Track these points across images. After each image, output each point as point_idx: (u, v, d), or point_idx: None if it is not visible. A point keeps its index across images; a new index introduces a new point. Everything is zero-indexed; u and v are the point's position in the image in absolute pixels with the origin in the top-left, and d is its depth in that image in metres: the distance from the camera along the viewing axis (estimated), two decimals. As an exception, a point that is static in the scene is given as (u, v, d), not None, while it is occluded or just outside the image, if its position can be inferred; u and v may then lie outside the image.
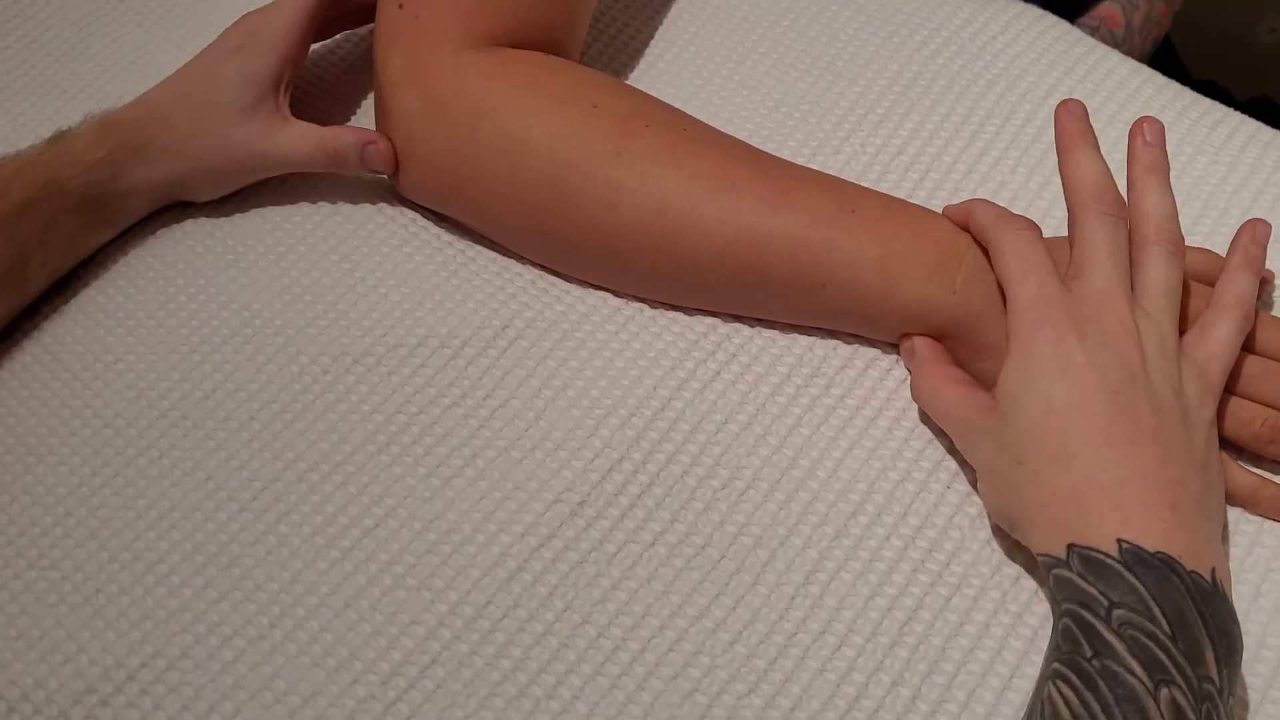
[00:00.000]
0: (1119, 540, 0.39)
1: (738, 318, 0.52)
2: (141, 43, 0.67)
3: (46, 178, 0.52)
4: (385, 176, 0.56)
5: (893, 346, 0.51)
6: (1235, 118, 0.58)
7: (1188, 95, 0.59)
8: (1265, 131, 0.58)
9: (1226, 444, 0.47)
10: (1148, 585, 0.38)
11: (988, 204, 0.48)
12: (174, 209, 0.58)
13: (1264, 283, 0.51)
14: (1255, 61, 1.09)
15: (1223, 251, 0.49)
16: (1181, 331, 0.46)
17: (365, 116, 0.61)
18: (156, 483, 0.50)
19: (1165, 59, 0.89)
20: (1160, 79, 0.60)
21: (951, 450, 0.48)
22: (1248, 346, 0.47)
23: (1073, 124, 0.47)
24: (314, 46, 0.62)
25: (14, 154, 0.53)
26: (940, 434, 0.49)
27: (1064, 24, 0.62)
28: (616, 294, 0.54)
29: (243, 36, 0.55)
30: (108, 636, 0.46)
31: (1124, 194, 0.47)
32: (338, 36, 0.64)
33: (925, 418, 0.49)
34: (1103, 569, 0.39)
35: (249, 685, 0.44)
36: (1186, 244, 0.52)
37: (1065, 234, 0.47)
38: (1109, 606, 0.38)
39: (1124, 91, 0.59)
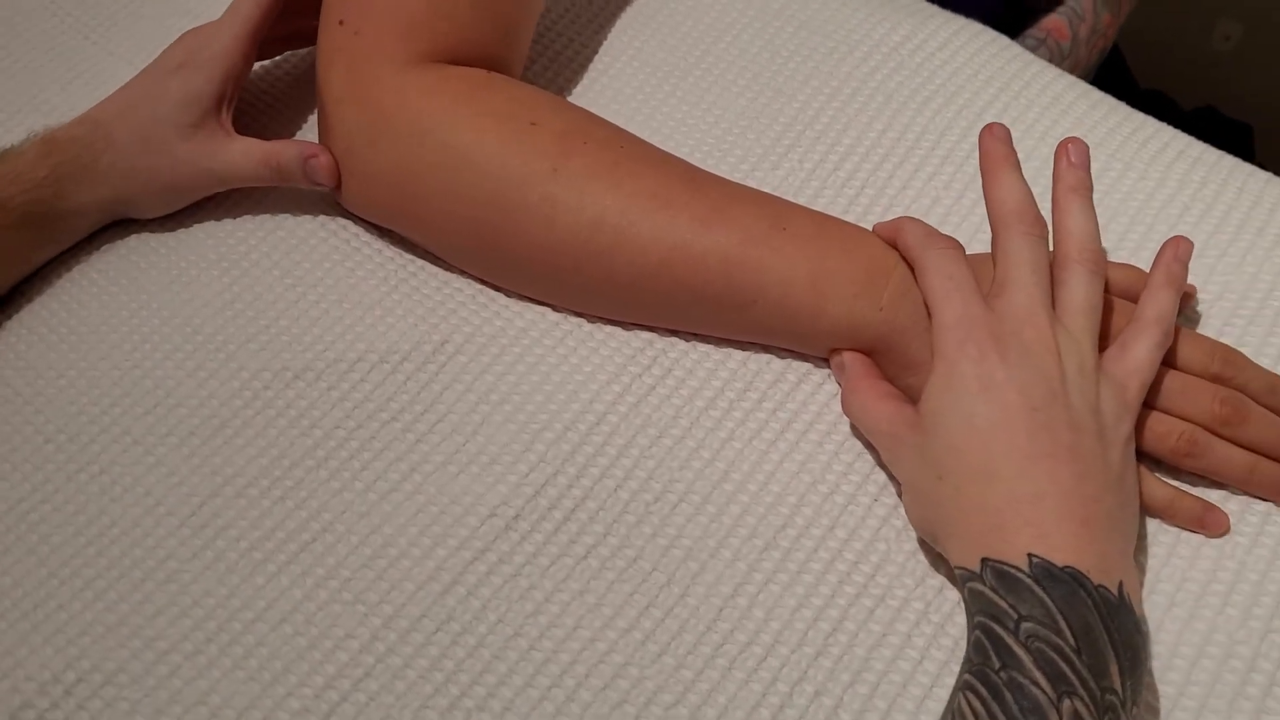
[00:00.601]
0: (1030, 555, 0.40)
1: (674, 332, 0.53)
2: (90, 57, 0.67)
3: (-12, 196, 0.52)
4: (328, 190, 0.57)
5: (825, 361, 0.52)
6: (1167, 133, 0.59)
7: (1121, 110, 0.60)
8: (1196, 146, 0.59)
9: (1145, 457, 0.48)
10: (1055, 599, 0.39)
11: (915, 222, 0.49)
12: (118, 224, 0.58)
13: (1186, 298, 0.52)
14: (1208, 70, 1.10)
15: (1148, 267, 0.50)
16: (1104, 347, 0.47)
17: (310, 133, 0.62)
18: (97, 498, 0.50)
19: (1113, 70, 0.90)
20: (1096, 94, 0.61)
21: (880, 464, 0.49)
22: (1168, 362, 0.48)
23: (996, 147, 0.48)
24: (258, 64, 0.63)
25: (-44, 173, 0.53)
26: (869, 448, 0.50)
27: (1003, 39, 0.63)
28: (555, 309, 0.54)
29: (185, 54, 0.55)
30: (45, 652, 0.46)
31: (1049, 214, 0.48)
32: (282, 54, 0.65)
33: (855, 431, 0.50)
34: (1014, 583, 0.40)
35: (184, 699, 0.45)
36: (1113, 259, 0.54)
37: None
38: (1018, 620, 0.39)
39: (1058, 107, 0.60)
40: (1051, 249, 0.48)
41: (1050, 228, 0.48)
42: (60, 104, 0.65)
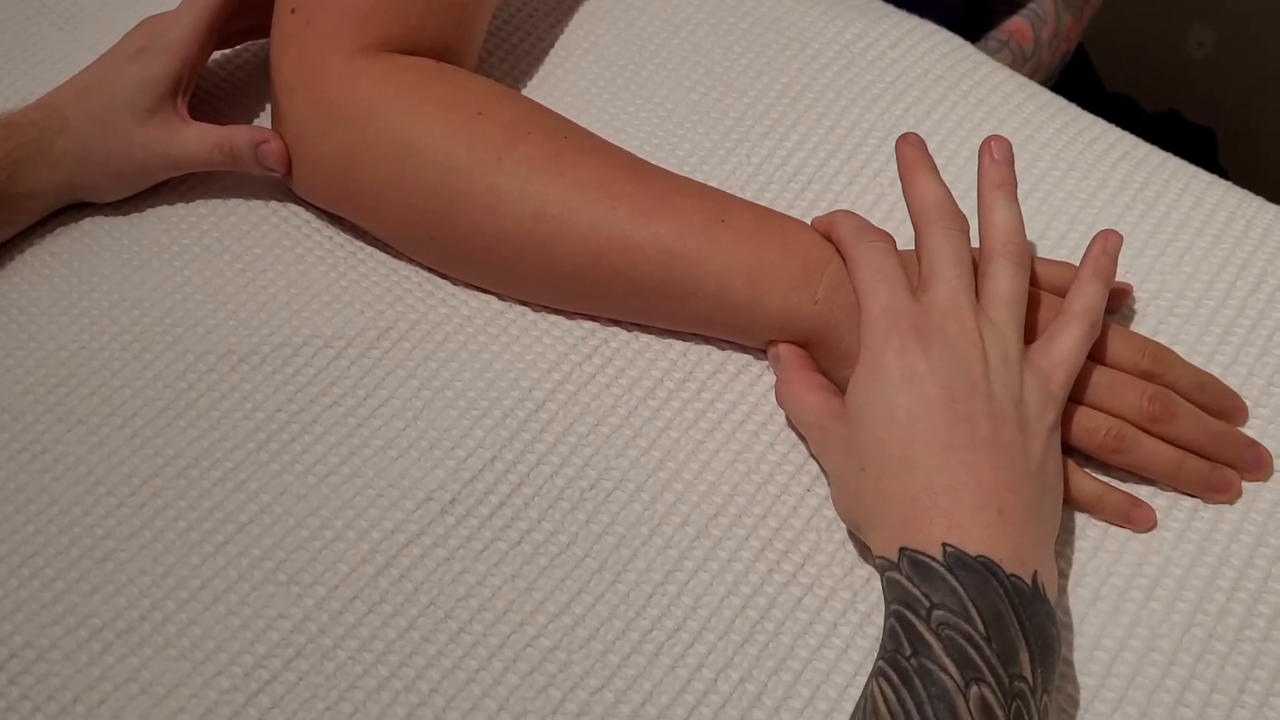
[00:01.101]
0: (944, 544, 0.41)
1: (616, 322, 0.54)
2: (56, 42, 0.68)
3: (-58, 179, 0.53)
4: (280, 176, 0.57)
5: (763, 353, 0.52)
6: (1114, 134, 0.60)
7: (1070, 111, 0.61)
8: (1142, 148, 0.59)
9: (1074, 452, 0.48)
10: (967, 587, 0.40)
11: (849, 215, 0.50)
12: (73, 208, 0.59)
13: (1122, 296, 0.53)
14: (1178, 75, 1.11)
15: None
16: (1034, 340, 0.47)
17: (265, 121, 0.62)
18: (38, 477, 0.50)
19: (1079, 73, 0.91)
20: (1045, 95, 0.62)
21: (812, 456, 0.50)
22: (1098, 358, 0.49)
23: (911, 152, 0.49)
24: (217, 52, 0.63)
25: (-89, 152, 0.54)
26: (802, 440, 0.50)
27: (956, 39, 0.64)
28: (500, 297, 0.55)
29: (143, 40, 0.56)
30: (-21, 628, 0.47)
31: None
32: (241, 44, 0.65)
33: (791, 423, 0.51)
34: (928, 571, 0.41)
35: (115, 677, 0.45)
36: (1054, 257, 0.54)
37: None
38: (930, 607, 0.40)
39: (1007, 106, 0.60)
40: (977, 245, 0.48)
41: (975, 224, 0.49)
42: (24, 89, 0.65)
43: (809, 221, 0.52)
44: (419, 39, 0.55)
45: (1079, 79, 0.68)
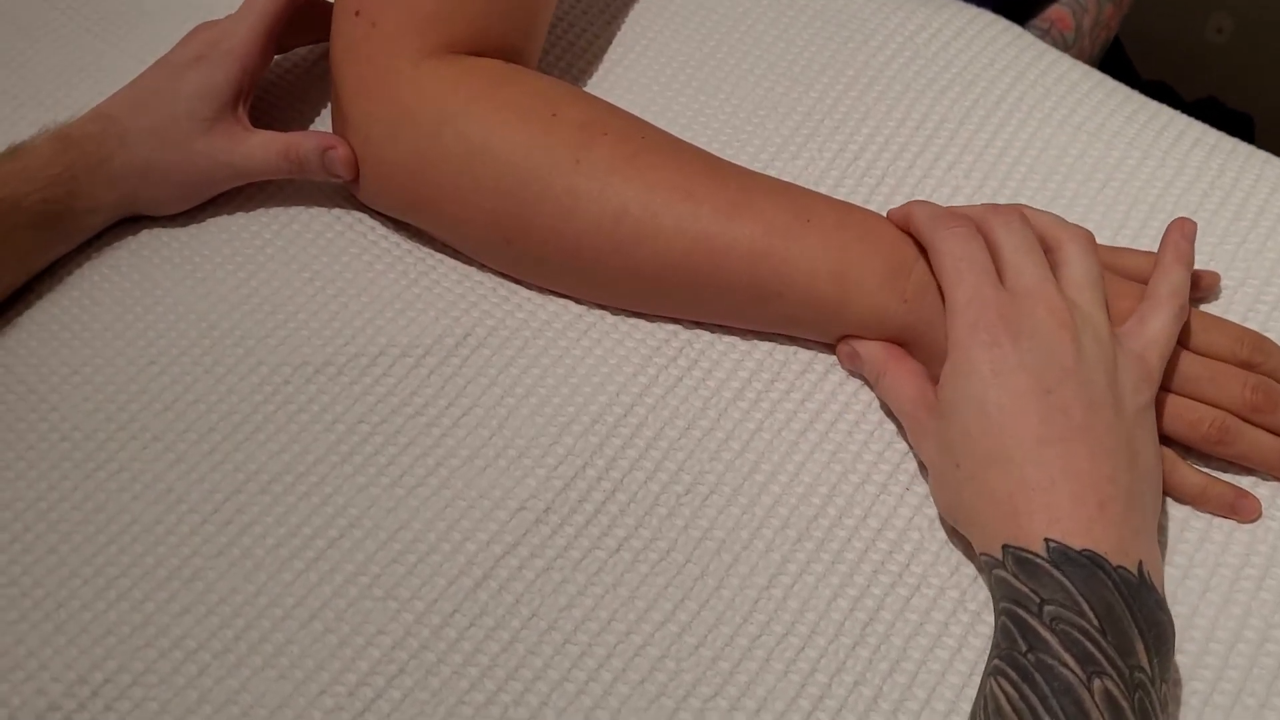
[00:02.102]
0: (1046, 540, 0.40)
1: (698, 324, 0.53)
2: (94, 51, 0.66)
3: (1, 194, 0.51)
4: (346, 184, 0.56)
5: (852, 351, 0.51)
6: (1182, 120, 0.60)
7: (1137, 99, 0.61)
8: (1211, 134, 0.59)
9: (1176, 444, 0.48)
10: (1075, 582, 0.39)
11: (924, 204, 0.49)
12: (126, 221, 0.58)
13: (1209, 284, 0.52)
14: (1203, 62, 1.11)
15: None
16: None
17: (320, 127, 0.61)
18: (116, 496, 0.49)
19: (1114, 61, 0.91)
20: (1111, 83, 0.61)
21: (908, 453, 0.49)
22: (1196, 348, 0.48)
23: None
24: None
25: (-34, 167, 0.52)
26: (897, 437, 0.50)
27: (1016, 28, 0.63)
28: (577, 301, 0.54)
29: (202, 48, 0.55)
30: (70, 652, 0.45)
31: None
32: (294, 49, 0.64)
33: (883, 420, 0.50)
34: (1034, 568, 0.40)
35: (214, 699, 0.44)
36: (1134, 246, 0.54)
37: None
38: (1040, 603, 0.39)
39: (1075, 94, 0.60)
40: None
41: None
42: (64, 99, 0.64)
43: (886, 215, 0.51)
44: (484, 40, 0.54)
45: (1116, 68, 0.68)
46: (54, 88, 0.64)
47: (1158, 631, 0.40)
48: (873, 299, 0.49)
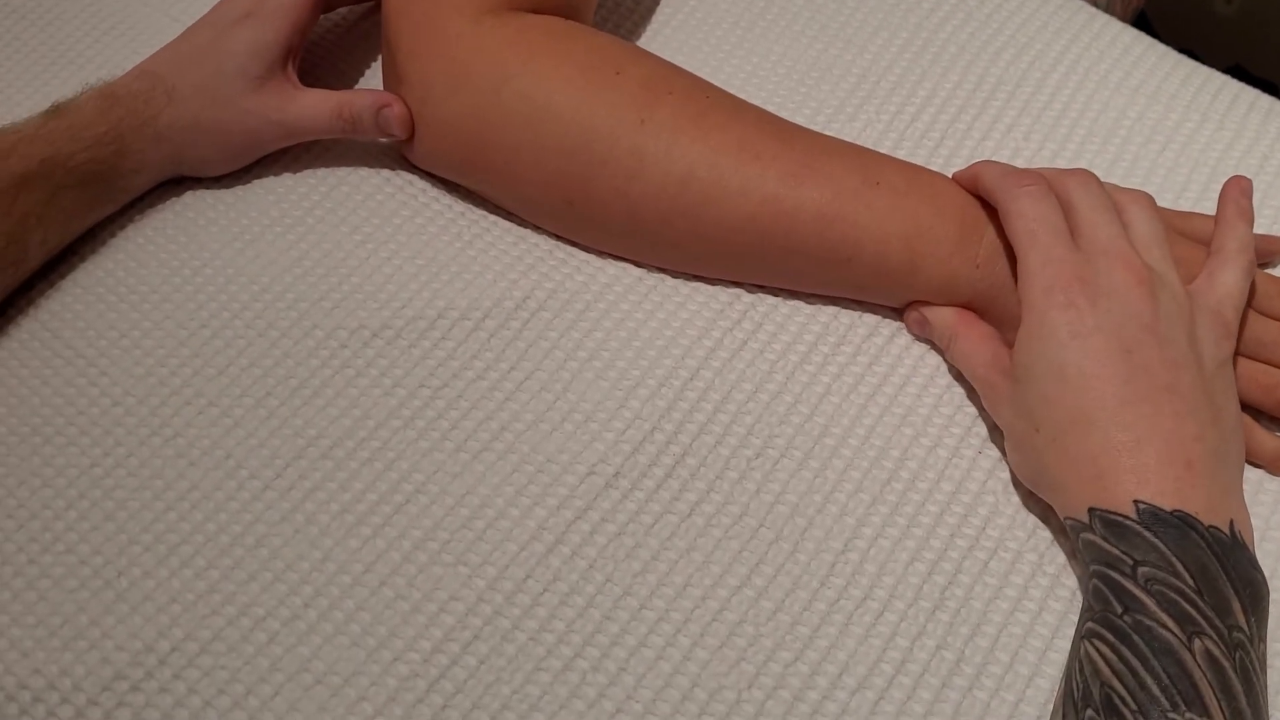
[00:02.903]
0: (1136, 502, 0.40)
1: (760, 287, 0.52)
2: (122, 6, 0.65)
3: (47, 153, 0.50)
4: (396, 145, 0.55)
5: (919, 314, 0.51)
6: (1234, 85, 0.59)
7: (1188, 63, 0.60)
8: (1264, 99, 0.59)
9: (1249, 409, 0.47)
10: (1168, 543, 0.39)
11: (992, 165, 0.49)
12: (168, 183, 0.56)
13: (1267, 249, 0.52)
14: (1219, 33, 1.10)
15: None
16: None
17: (368, 85, 0.60)
18: (173, 462, 0.48)
19: (1143, 29, 0.90)
20: (1161, 47, 0.61)
21: (980, 416, 0.49)
22: (1269, 312, 0.48)
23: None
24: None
25: (9, 126, 0.51)
26: (967, 401, 0.49)
27: (1064, -8, 0.63)
28: (637, 264, 0.53)
29: (251, 4, 0.53)
30: (134, 621, 0.44)
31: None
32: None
33: (954, 384, 0.50)
34: (1123, 530, 0.40)
35: (286, 667, 0.43)
36: (1197, 210, 0.53)
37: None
38: (1134, 565, 0.39)
39: (1129, 58, 0.59)
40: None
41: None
42: (95, 55, 0.62)
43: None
44: (540, -2, 0.53)
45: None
46: (86, 45, 0.62)
47: (1253, 591, 0.40)
48: (944, 265, 0.48)
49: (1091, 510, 0.41)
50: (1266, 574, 0.45)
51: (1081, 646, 0.39)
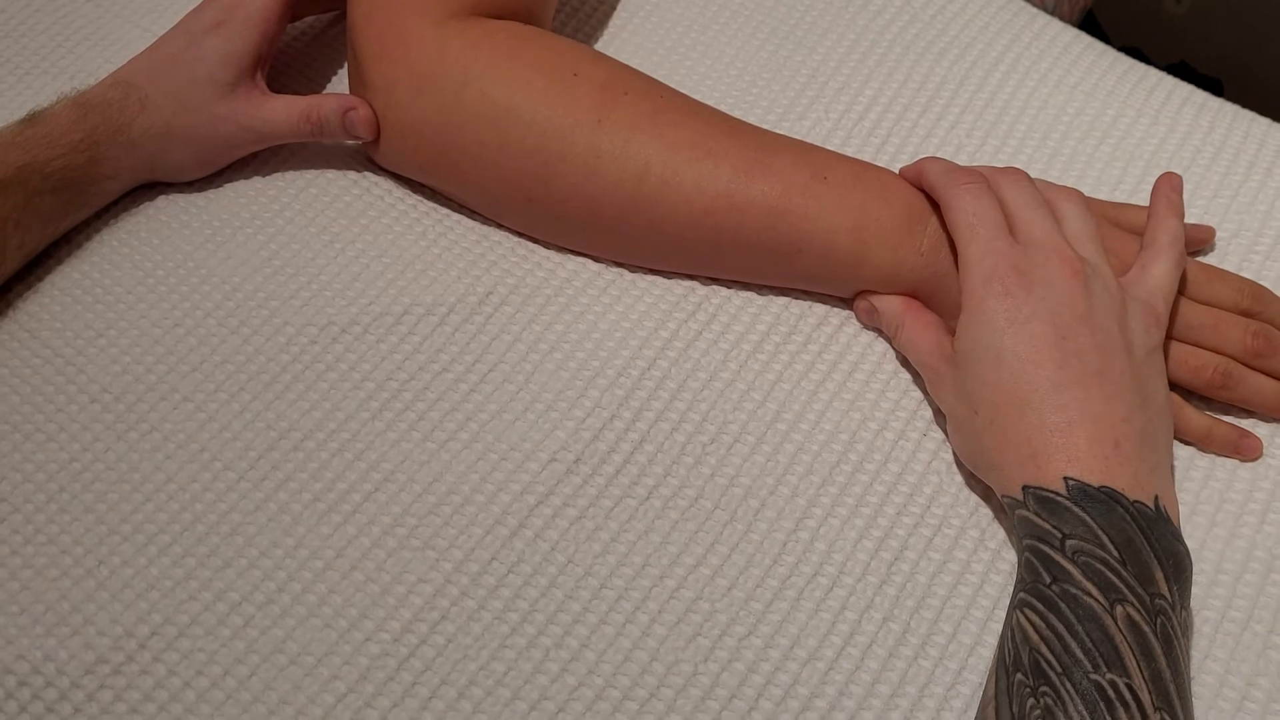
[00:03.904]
0: (1066, 479, 0.42)
1: (714, 279, 0.54)
2: (93, 17, 0.66)
3: (23, 160, 0.51)
4: (362, 147, 0.57)
5: (866, 304, 0.53)
6: (1170, 81, 0.62)
7: (1126, 61, 0.63)
8: (1198, 94, 0.61)
9: (1181, 389, 0.50)
10: (1094, 517, 0.41)
11: (937, 161, 0.51)
12: (142, 187, 0.58)
13: (1203, 237, 0.54)
14: (1168, 32, 1.13)
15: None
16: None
17: (334, 90, 0.61)
18: (150, 456, 0.50)
19: (1090, 28, 0.93)
20: (1100, 45, 0.63)
21: (924, 401, 0.51)
22: (1199, 298, 0.50)
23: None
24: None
25: (-15, 134, 0.53)
26: (912, 386, 0.52)
27: (1007, -7, 0.65)
28: (595, 259, 0.55)
29: (221, 13, 0.55)
30: (114, 607, 0.46)
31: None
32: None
33: (899, 370, 0.52)
34: (1054, 506, 0.42)
35: (261, 649, 0.45)
36: (1132, 202, 0.56)
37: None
38: (1062, 538, 0.41)
39: (1068, 56, 0.62)
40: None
41: None
42: (68, 65, 0.64)
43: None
44: (502, 2, 0.55)
45: (1092, 34, 0.70)
46: (60, 55, 0.64)
47: (1175, 561, 0.42)
48: (890, 254, 0.51)
49: (1025, 488, 0.44)
50: (1195, 545, 0.47)
51: (1014, 615, 0.42)
